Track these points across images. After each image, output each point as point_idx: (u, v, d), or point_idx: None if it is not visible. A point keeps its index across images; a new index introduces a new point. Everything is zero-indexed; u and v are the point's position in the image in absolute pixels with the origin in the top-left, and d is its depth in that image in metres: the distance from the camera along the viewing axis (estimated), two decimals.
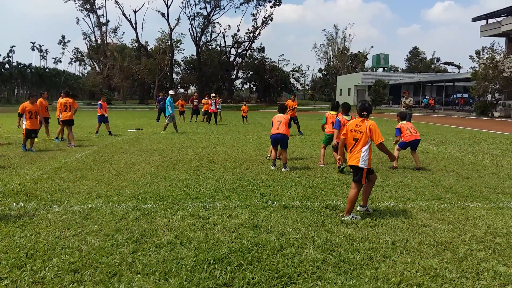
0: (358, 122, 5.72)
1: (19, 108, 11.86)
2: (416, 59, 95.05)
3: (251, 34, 73.12)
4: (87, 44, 72.70)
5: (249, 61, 79.25)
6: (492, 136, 17.28)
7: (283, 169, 8.92)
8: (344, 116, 8.75)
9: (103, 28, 69.24)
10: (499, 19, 39.75)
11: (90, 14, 68.46)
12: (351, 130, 5.74)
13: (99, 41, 69.84)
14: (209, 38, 74.93)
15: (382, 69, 72.23)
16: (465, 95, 50.10)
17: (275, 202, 6.33)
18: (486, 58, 33.65)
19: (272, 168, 9.11)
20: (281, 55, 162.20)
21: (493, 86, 34.28)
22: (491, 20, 41.35)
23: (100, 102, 16.70)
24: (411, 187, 7.50)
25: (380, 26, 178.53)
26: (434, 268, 4.02)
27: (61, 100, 13.35)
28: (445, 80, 51.59)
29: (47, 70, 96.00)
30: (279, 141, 9.04)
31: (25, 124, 11.67)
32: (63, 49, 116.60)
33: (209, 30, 73.29)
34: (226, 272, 3.88)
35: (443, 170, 9.21)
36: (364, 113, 5.72)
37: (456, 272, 3.93)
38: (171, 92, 20.15)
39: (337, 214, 5.72)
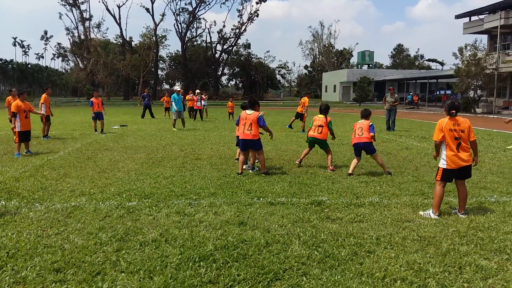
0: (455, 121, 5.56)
1: (12, 107, 10.42)
2: (400, 56, 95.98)
3: (237, 30, 72.89)
4: (70, 40, 71.59)
5: (235, 57, 78.94)
6: (475, 132, 17.49)
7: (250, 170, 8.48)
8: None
9: (87, 23, 68.30)
10: (481, 16, 40.38)
11: (73, 9, 67.39)
12: (449, 130, 5.55)
13: (82, 37, 68.79)
14: (194, 34, 74.50)
15: (367, 65, 72.79)
16: (448, 92, 50.79)
17: (261, 199, 6.33)
18: (469, 55, 34.15)
19: (251, 171, 8.48)
20: (267, 52, 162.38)
21: (475, 83, 34.82)
22: (473, 18, 41.96)
23: (91, 99, 15.65)
24: (395, 182, 7.58)
25: (365, 23, 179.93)
26: (418, 262, 4.06)
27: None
28: (428, 77, 52.24)
29: (29, 66, 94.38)
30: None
31: (17, 126, 10.27)
32: (46, 44, 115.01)
33: (195, 25, 72.84)
34: (211, 269, 3.87)
35: (426, 165, 9.33)
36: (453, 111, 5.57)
37: (439, 266, 3.98)
38: (177, 88, 20.11)
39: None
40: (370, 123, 8.43)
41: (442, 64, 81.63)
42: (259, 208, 5.81)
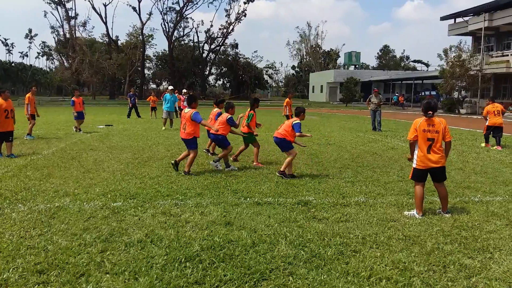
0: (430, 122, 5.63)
1: None
2: (386, 57, 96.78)
3: (225, 30, 72.60)
4: (55, 38, 70.71)
5: (223, 57, 78.73)
6: (459, 132, 17.81)
7: (217, 164, 8.65)
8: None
9: (72, 22, 67.26)
10: (466, 18, 40.94)
11: (58, 7, 66.29)
12: (423, 131, 5.61)
13: (67, 35, 67.82)
14: (181, 33, 73.96)
15: (353, 66, 73.31)
16: (433, 93, 51.43)
17: (248, 199, 6.32)
18: (454, 56, 34.59)
19: (227, 169, 8.55)
20: (254, 52, 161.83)
21: (459, 84, 35.29)
22: (458, 19, 42.54)
23: (73, 98, 15.91)
24: (380, 182, 7.64)
25: (352, 24, 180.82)
26: (403, 261, 4.10)
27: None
28: (414, 78, 52.85)
29: (13, 64, 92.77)
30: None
31: None
32: (30, 43, 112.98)
33: (182, 25, 72.28)
34: (197, 270, 3.84)
35: (411, 165, 9.39)
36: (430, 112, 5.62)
37: (424, 265, 4.02)
38: (170, 87, 20.05)
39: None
40: (295, 122, 7.98)
41: (427, 65, 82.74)
42: (246, 208, 5.80)
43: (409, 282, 3.68)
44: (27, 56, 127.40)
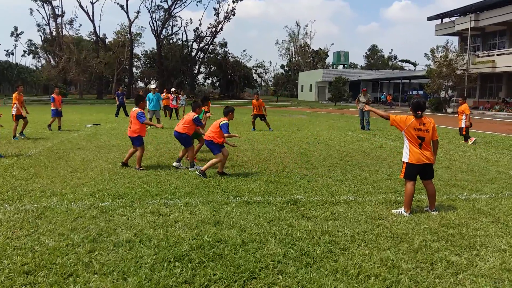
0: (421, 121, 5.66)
1: None
2: (374, 57, 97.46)
3: (214, 29, 72.42)
4: (41, 36, 69.75)
5: (212, 56, 78.53)
6: (445, 131, 18.02)
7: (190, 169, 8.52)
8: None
9: (59, 20, 66.46)
10: (452, 18, 41.47)
11: (45, 4, 65.48)
12: (414, 129, 5.63)
13: (54, 33, 67.00)
14: (170, 31, 73.56)
15: (342, 66, 73.60)
16: (421, 92, 51.97)
17: (237, 198, 6.32)
18: (440, 56, 34.97)
19: (190, 169, 8.46)
20: (243, 51, 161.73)
21: (446, 83, 35.71)
22: (445, 20, 43.06)
23: (53, 95, 16.17)
24: (369, 180, 7.69)
25: (341, 23, 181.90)
26: (391, 259, 4.14)
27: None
28: (401, 77, 53.33)
29: None
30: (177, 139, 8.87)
31: None
32: (16, 41, 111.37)
33: (170, 23, 71.93)
34: (187, 269, 3.83)
35: (399, 164, 9.48)
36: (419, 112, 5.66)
37: (412, 263, 4.07)
38: (152, 86, 20.02)
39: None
40: (223, 122, 7.95)
41: (414, 65, 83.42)
42: (236, 207, 5.80)
43: (397, 280, 3.71)
44: (13, 54, 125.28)
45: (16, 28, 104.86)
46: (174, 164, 8.71)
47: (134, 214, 5.43)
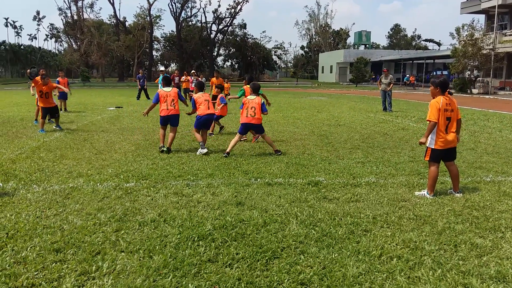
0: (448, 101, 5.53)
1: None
2: (397, 36, 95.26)
3: (232, 10, 71.85)
4: (62, 20, 70.66)
5: (231, 37, 78.07)
6: (471, 112, 17.61)
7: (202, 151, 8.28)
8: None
9: (79, 3, 67.11)
10: None
11: None
12: (444, 110, 5.47)
13: (75, 17, 67.74)
14: (189, 13, 73.43)
15: (363, 46, 72.30)
16: (445, 72, 50.70)
17: (258, 179, 6.36)
18: (466, 35, 33.95)
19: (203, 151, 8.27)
20: (263, 32, 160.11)
21: (472, 63, 34.72)
22: None
23: (58, 78, 16.79)
24: (391, 162, 7.62)
25: (362, 2, 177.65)
26: (414, 241, 4.12)
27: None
28: (425, 58, 52.01)
29: (22, 47, 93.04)
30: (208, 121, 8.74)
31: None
32: (38, 25, 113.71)
33: (189, 5, 71.76)
34: (210, 248, 3.91)
35: (422, 146, 9.35)
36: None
37: (435, 245, 4.04)
38: (161, 68, 20.09)
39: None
40: (262, 101, 8.28)
41: (439, 44, 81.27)
42: (257, 189, 5.84)
43: (420, 261, 3.70)
44: (35, 38, 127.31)
45: (38, 13, 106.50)
46: (202, 151, 8.21)
47: (158, 195, 5.53)
